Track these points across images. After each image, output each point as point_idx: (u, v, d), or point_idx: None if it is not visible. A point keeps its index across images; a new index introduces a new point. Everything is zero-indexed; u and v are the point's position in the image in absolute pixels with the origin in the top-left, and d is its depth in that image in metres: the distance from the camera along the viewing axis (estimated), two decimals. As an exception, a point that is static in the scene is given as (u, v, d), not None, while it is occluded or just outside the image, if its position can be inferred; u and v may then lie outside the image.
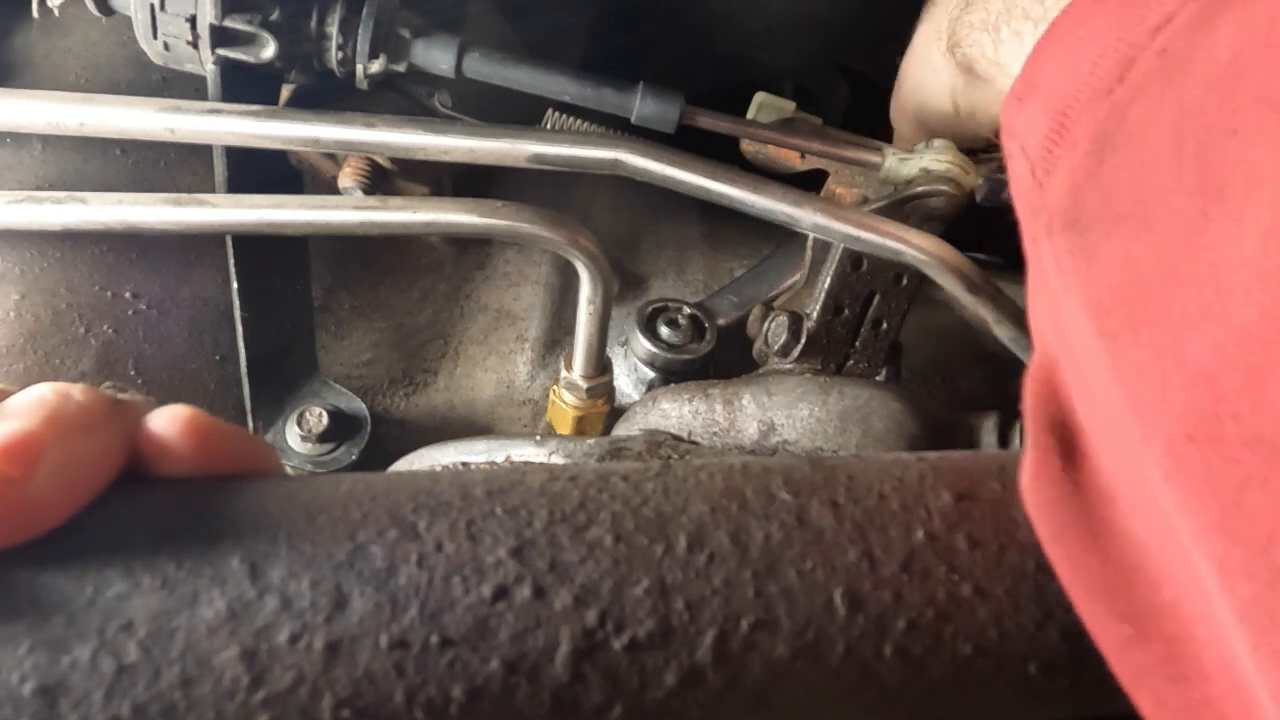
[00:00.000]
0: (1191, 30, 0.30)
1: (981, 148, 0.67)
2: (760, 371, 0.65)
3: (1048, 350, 0.32)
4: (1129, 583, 0.27)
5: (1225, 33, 0.28)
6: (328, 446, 0.68)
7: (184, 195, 0.60)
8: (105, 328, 0.66)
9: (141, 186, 0.68)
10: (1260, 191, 0.24)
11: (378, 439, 0.69)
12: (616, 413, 0.68)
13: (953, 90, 0.63)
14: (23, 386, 0.31)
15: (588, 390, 0.66)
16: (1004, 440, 0.62)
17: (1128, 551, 0.28)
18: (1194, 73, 0.28)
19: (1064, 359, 0.31)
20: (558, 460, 0.58)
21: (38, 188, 0.66)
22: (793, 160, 0.66)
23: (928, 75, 0.65)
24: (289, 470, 0.66)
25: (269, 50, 0.59)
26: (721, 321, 0.70)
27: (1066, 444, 0.30)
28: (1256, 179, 0.25)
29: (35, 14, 0.65)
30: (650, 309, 0.69)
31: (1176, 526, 0.25)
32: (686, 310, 0.69)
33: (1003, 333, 0.61)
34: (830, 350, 0.64)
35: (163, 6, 0.58)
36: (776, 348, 0.64)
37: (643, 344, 0.68)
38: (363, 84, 0.62)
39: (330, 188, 0.69)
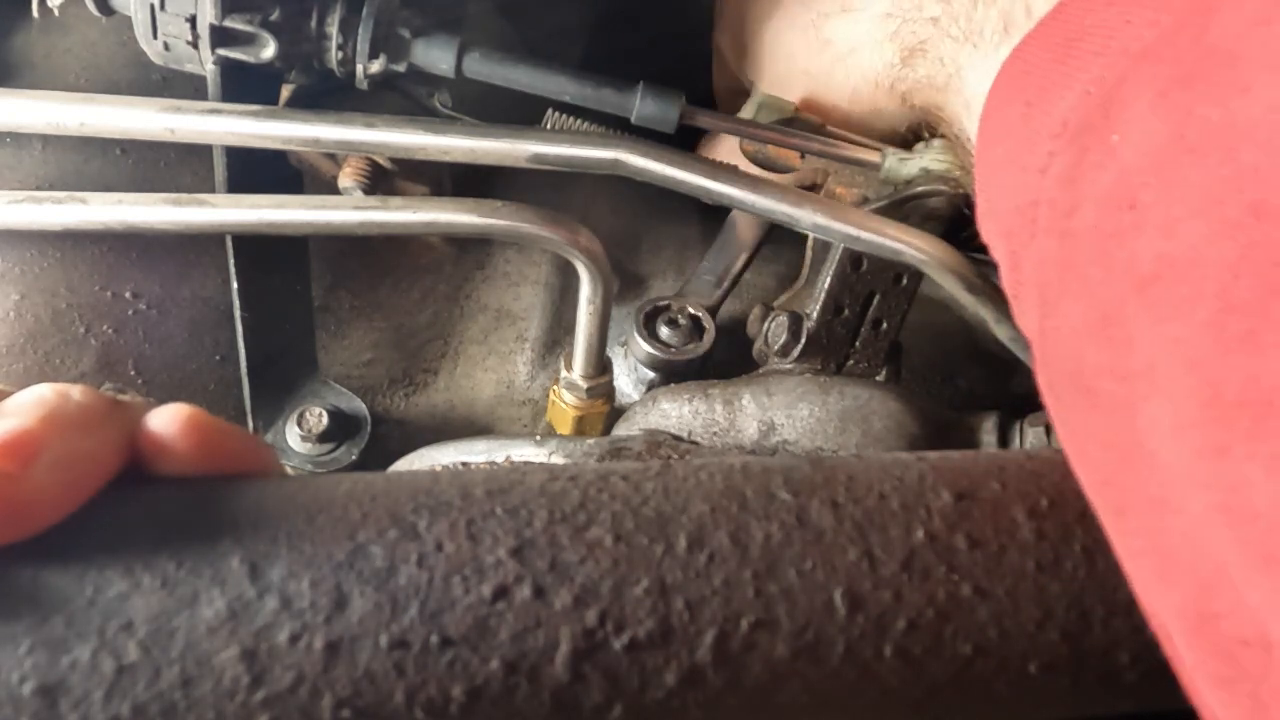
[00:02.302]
0: (1067, 182, 0.29)
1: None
2: (760, 371, 0.65)
3: None
4: None
5: (1086, 192, 0.28)
6: (328, 446, 0.68)
7: (184, 195, 0.60)
8: (105, 328, 0.66)
9: (141, 186, 0.68)
10: (1165, 387, 0.24)
11: (378, 439, 0.69)
12: (616, 413, 0.67)
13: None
14: (22, 386, 0.31)
15: (588, 390, 0.66)
16: (1004, 440, 0.62)
17: None
18: (1077, 236, 0.28)
19: None
20: (558, 460, 0.58)
21: (38, 188, 0.66)
22: (793, 160, 0.66)
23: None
24: (289, 470, 0.66)
25: (269, 50, 0.59)
26: (707, 303, 0.70)
27: None
28: (1160, 368, 0.24)
29: (35, 14, 0.65)
30: (650, 309, 0.69)
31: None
32: (687, 310, 0.69)
33: (1003, 333, 0.61)
34: (830, 350, 0.64)
35: (163, 6, 0.58)
36: (776, 348, 0.64)
37: (642, 344, 0.68)
38: (363, 84, 0.62)
39: (330, 188, 0.69)
